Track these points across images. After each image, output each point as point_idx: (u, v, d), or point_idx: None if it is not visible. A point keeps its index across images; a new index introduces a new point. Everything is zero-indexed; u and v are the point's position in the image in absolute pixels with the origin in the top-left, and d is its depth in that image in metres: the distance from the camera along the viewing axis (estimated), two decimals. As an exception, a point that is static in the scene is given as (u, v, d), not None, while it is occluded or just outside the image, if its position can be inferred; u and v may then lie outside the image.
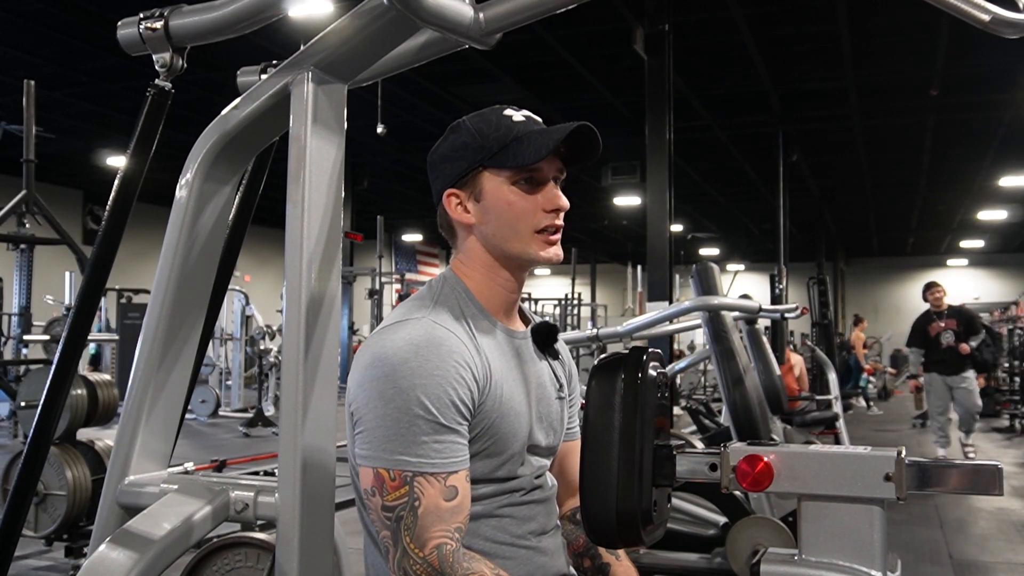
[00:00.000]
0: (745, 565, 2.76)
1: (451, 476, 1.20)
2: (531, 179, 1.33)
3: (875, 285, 26.95)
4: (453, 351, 1.24)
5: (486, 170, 1.33)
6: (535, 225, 1.33)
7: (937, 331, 7.83)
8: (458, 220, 1.35)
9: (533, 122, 1.36)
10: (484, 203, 1.33)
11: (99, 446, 4.15)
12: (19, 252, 6.51)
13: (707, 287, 4.02)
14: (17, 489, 1.62)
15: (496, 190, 1.33)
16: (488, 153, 1.32)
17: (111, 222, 1.55)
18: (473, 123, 1.36)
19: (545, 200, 1.33)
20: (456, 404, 1.22)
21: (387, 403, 1.19)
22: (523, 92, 10.75)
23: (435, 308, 1.30)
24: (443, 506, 1.19)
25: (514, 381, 1.33)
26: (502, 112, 1.36)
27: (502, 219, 1.33)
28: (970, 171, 15.46)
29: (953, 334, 7.77)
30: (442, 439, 1.20)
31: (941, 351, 7.78)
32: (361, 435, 1.22)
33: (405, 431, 1.19)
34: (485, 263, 1.36)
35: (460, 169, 1.34)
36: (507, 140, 1.32)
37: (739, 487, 1.13)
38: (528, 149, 1.30)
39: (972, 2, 1.09)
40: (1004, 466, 1.04)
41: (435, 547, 1.17)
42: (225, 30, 1.40)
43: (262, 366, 11.09)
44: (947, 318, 7.85)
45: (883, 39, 9.56)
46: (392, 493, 1.19)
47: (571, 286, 18.87)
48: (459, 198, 1.35)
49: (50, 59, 9.96)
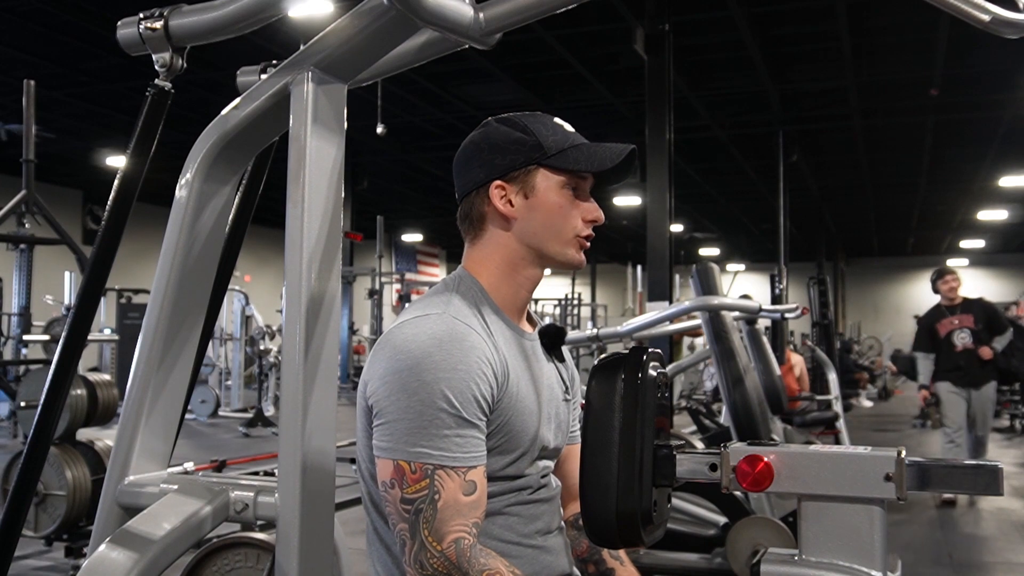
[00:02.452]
0: (745, 565, 2.76)
1: (471, 471, 1.22)
2: (577, 187, 1.37)
3: (875, 285, 26.97)
4: (475, 347, 1.25)
5: (542, 169, 1.35)
6: (577, 231, 1.37)
7: (949, 329, 6.13)
8: (499, 211, 1.36)
9: (580, 136, 1.40)
10: (533, 200, 1.35)
11: (99, 446, 4.15)
12: (19, 252, 6.51)
13: (707, 287, 4.02)
14: (17, 489, 1.62)
15: (548, 190, 1.35)
16: (548, 153, 1.34)
17: (111, 222, 1.55)
18: (528, 122, 1.37)
19: (586, 210, 1.38)
20: (478, 399, 1.23)
21: (411, 395, 1.20)
22: (523, 92, 10.77)
23: (454, 304, 1.31)
24: (462, 500, 1.20)
25: (527, 380, 1.34)
26: (554, 119, 1.39)
27: (549, 218, 1.35)
28: (970, 171, 15.47)
29: (971, 334, 6.08)
30: (464, 433, 1.21)
31: (955, 355, 6.10)
32: (381, 427, 1.23)
33: (428, 424, 1.20)
34: (509, 260, 1.37)
35: (514, 162, 1.35)
36: (565, 145, 1.35)
37: (739, 487, 1.13)
38: (590, 158, 1.34)
39: (972, 2, 1.09)
40: (1004, 466, 1.04)
41: (453, 541, 1.18)
42: (225, 30, 1.39)
43: (262, 366, 11.10)
44: (961, 313, 6.15)
45: (883, 39, 9.57)
46: (412, 485, 1.19)
47: (571, 286, 18.90)
48: (505, 191, 1.35)
49: (50, 59, 9.96)
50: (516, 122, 1.38)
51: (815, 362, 9.09)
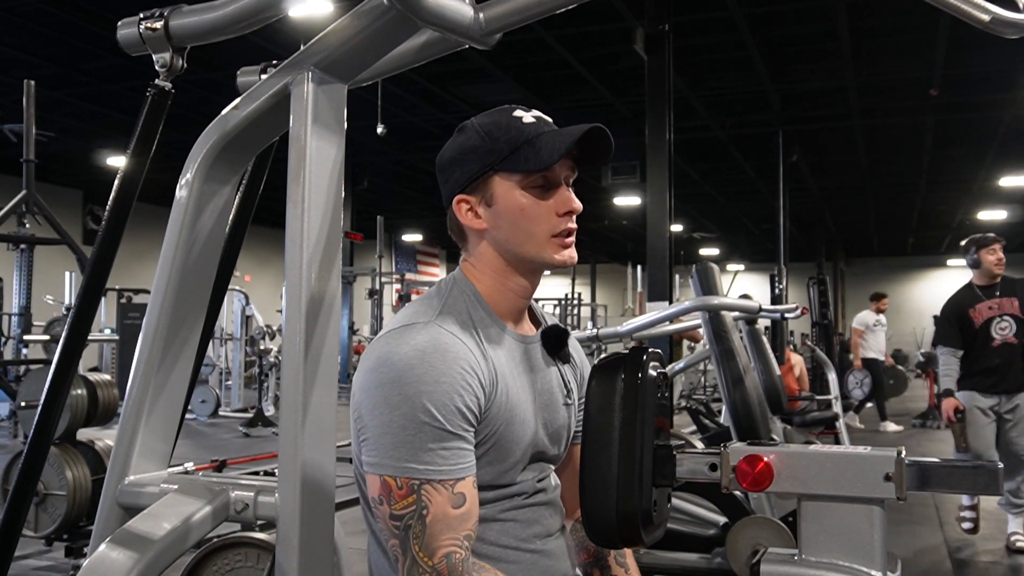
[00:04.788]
0: (745, 565, 2.76)
1: (458, 483, 1.19)
2: (543, 182, 1.29)
3: (875, 285, 26.82)
4: (459, 357, 1.21)
5: (497, 174, 1.29)
6: (550, 229, 1.30)
7: (987, 317, 4.58)
8: (469, 226, 1.32)
9: (544, 123, 1.32)
10: (496, 208, 1.29)
11: (99, 446, 4.15)
12: (19, 252, 6.51)
13: (707, 287, 4.02)
14: (17, 489, 1.62)
15: (508, 194, 1.29)
16: (499, 156, 1.28)
17: (111, 222, 1.55)
18: (481, 125, 1.31)
19: (558, 203, 1.30)
20: (462, 410, 1.20)
21: (393, 410, 1.18)
22: (523, 92, 10.76)
23: (442, 312, 1.28)
24: (451, 514, 1.18)
25: (521, 388, 1.30)
26: (511, 113, 1.32)
27: (515, 224, 1.29)
28: (970, 171, 15.47)
29: (1014, 323, 4.55)
30: (449, 446, 1.19)
31: (990, 351, 4.55)
32: (366, 442, 1.21)
33: (411, 438, 1.17)
34: (497, 268, 1.33)
35: (469, 173, 1.30)
36: (518, 143, 1.28)
37: (739, 487, 1.13)
38: (540, 152, 1.26)
39: (972, 2, 1.09)
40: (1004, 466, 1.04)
41: (444, 556, 1.16)
42: (225, 30, 1.39)
43: (262, 366, 11.09)
44: (1002, 296, 4.62)
45: (883, 39, 9.57)
46: (400, 502, 1.17)
47: (571, 286, 18.89)
48: (469, 203, 1.31)
49: (50, 59, 9.96)
50: (471, 129, 1.32)
51: (815, 362, 9.08)
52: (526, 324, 1.40)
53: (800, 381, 8.39)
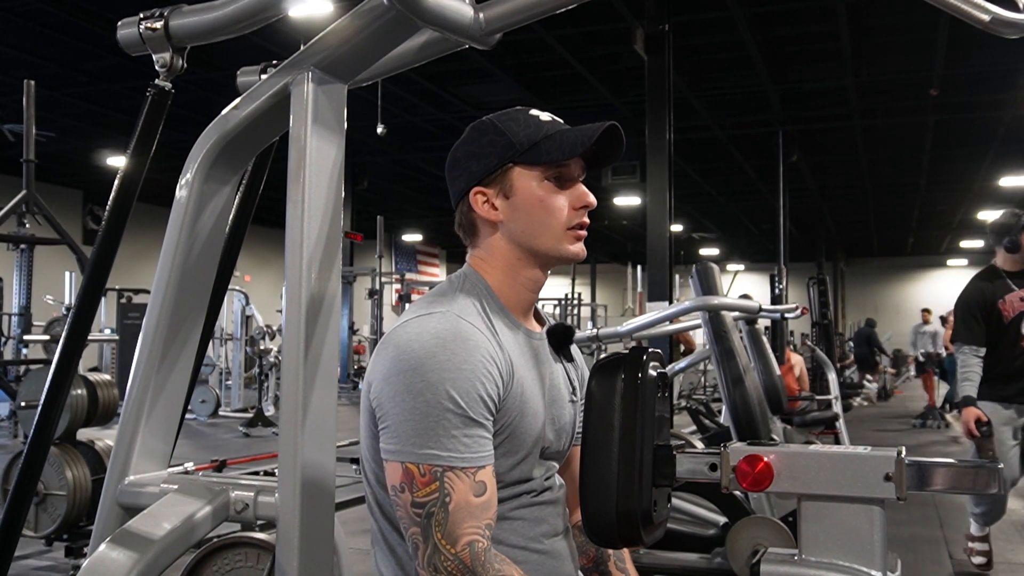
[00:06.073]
0: (745, 565, 2.76)
1: (480, 471, 1.20)
2: (560, 177, 1.33)
3: (875, 285, 26.96)
4: (479, 346, 1.23)
5: (516, 166, 1.33)
6: (566, 222, 1.34)
7: (1020, 311, 3.77)
8: (484, 217, 1.35)
9: (558, 123, 1.37)
10: (514, 200, 1.33)
11: (99, 446, 4.15)
12: (19, 252, 6.51)
13: (707, 287, 4.01)
14: (17, 489, 1.62)
15: (527, 187, 1.33)
16: (519, 150, 1.32)
17: (111, 222, 1.55)
18: (500, 120, 1.35)
19: (574, 197, 1.34)
20: (483, 399, 1.21)
21: (415, 396, 1.18)
22: (523, 92, 10.76)
23: (458, 302, 1.29)
24: (473, 502, 1.18)
25: (532, 381, 1.32)
26: (528, 112, 1.37)
27: (533, 215, 1.33)
28: (970, 171, 15.48)
29: None
30: (471, 433, 1.19)
31: (1017, 353, 3.77)
32: (387, 429, 1.21)
33: (435, 425, 1.18)
34: (508, 261, 1.35)
35: (488, 166, 1.33)
36: (537, 137, 1.32)
37: (739, 487, 1.13)
38: (561, 146, 1.31)
39: (972, 2, 1.09)
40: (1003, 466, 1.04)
41: (467, 544, 1.16)
42: (225, 30, 1.39)
43: (262, 366, 11.09)
44: None
45: (883, 39, 9.57)
46: (423, 489, 1.17)
47: (571, 286, 18.89)
48: (486, 195, 1.34)
49: (50, 59, 9.96)
50: (489, 124, 1.36)
51: (815, 362, 9.09)
52: (532, 321, 1.42)
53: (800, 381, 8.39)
